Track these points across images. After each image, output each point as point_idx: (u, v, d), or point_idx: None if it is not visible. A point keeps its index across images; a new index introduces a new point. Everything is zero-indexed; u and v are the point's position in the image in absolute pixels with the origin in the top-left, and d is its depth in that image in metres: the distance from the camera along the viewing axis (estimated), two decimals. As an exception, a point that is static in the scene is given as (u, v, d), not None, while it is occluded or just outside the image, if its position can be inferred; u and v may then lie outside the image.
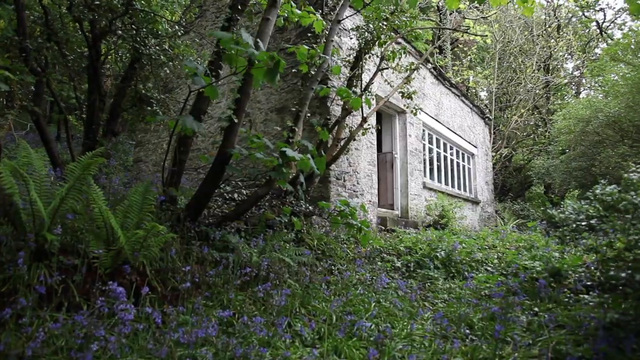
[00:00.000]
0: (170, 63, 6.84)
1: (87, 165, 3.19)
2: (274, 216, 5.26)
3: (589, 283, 4.72)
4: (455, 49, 22.72)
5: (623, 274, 3.19)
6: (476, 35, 13.38)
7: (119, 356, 2.43)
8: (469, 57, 23.71)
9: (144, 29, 6.24)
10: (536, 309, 4.19)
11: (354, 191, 8.52)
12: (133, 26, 6.20)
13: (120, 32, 6.28)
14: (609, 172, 12.56)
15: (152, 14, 6.27)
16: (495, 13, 19.53)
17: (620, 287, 3.61)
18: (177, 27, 6.93)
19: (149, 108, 6.90)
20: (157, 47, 6.40)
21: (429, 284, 5.53)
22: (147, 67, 6.81)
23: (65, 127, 6.52)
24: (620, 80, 13.47)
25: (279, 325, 3.13)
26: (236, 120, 4.48)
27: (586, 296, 4.38)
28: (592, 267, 5.07)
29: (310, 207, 6.08)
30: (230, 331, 3.09)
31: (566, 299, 4.46)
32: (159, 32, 6.48)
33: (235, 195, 6.25)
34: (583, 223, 4.09)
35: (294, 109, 5.98)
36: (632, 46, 13.48)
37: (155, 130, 11.56)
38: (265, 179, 5.35)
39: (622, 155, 12.63)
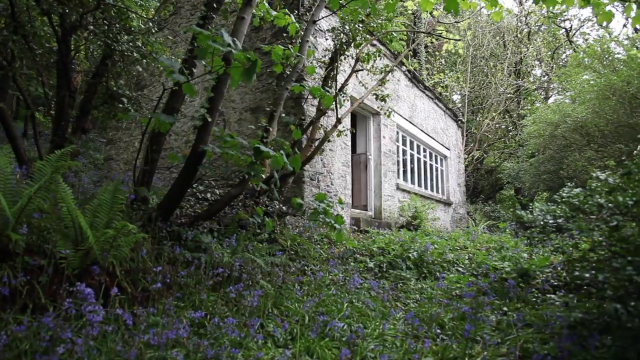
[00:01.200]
0: (143, 60, 6.72)
1: (58, 167, 3.11)
2: (247, 216, 5.23)
3: (555, 283, 4.85)
4: (427, 55, 23.04)
5: (587, 274, 3.28)
6: (450, 39, 13.59)
7: (87, 359, 2.37)
8: (442, 60, 24.08)
9: (116, 25, 6.12)
10: (505, 308, 4.28)
11: (328, 192, 8.54)
12: (105, 21, 6.07)
13: (91, 27, 6.15)
14: (576, 176, 12.92)
15: (125, 10, 6.16)
16: (468, 19, 19.88)
17: (585, 287, 3.72)
18: (150, 23, 6.82)
19: (121, 105, 6.76)
20: (130, 44, 6.28)
21: (401, 284, 5.59)
22: (119, 64, 6.68)
23: (32, 123, 6.34)
24: (586, 86, 13.88)
25: (251, 326, 3.11)
26: (210, 119, 4.44)
27: (553, 296, 4.50)
28: (559, 268, 5.22)
29: (284, 208, 6.07)
30: (201, 332, 3.06)
31: (534, 299, 4.57)
32: (132, 29, 6.36)
33: (208, 195, 6.19)
34: (550, 221, 4.19)
35: (268, 109, 5.96)
36: (598, 54, 13.90)
37: (127, 128, 11.36)
38: (238, 179, 5.32)
39: (589, 159, 13.01)
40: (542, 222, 4.31)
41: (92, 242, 3.07)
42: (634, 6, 5.06)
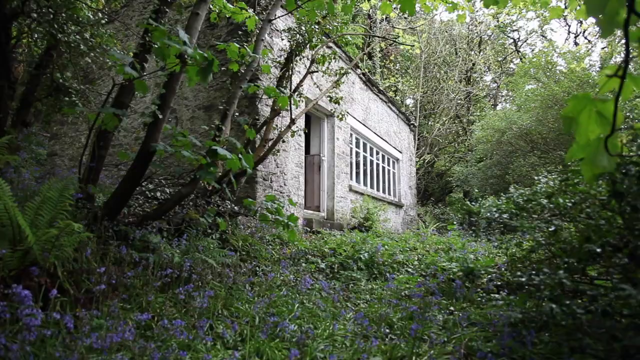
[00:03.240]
0: (92, 53, 6.47)
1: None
2: (198, 216, 5.14)
3: (499, 283, 5.06)
4: (382, 59, 23.45)
5: (524, 278, 3.44)
6: (404, 44, 13.89)
7: (23, 364, 2.26)
8: (396, 65, 24.57)
9: (63, 14, 5.86)
10: (452, 308, 4.41)
11: (281, 192, 8.52)
12: (50, 9, 5.80)
13: (34, 14, 5.85)
14: (520, 180, 13.50)
15: (72, -1, 5.91)
16: (422, 24, 20.36)
17: (526, 287, 3.90)
18: (100, 14, 6.58)
19: (67, 99, 6.48)
20: (77, 35, 6.03)
21: (352, 285, 5.64)
22: (65, 55, 6.40)
23: (-33, 114, 5.95)
24: (531, 95, 14.55)
25: (200, 327, 3.06)
26: (161, 116, 4.33)
27: (496, 295, 4.69)
28: (503, 269, 5.44)
29: (236, 208, 6.01)
30: (148, 335, 2.98)
31: (479, 298, 4.74)
32: (80, 19, 6.11)
33: (158, 194, 6.04)
34: (496, 215, 4.37)
35: (222, 107, 5.88)
36: (542, 65, 14.59)
37: (73, 122, 10.91)
38: (190, 178, 5.22)
39: (532, 164, 13.63)
40: (488, 214, 4.49)
41: (31, 241, 2.93)
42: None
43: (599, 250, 2.92)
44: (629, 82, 1.37)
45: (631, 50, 1.34)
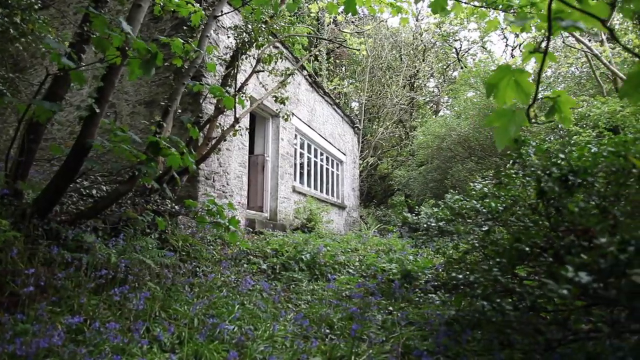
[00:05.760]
0: (23, 39, 6.09)
1: None
2: (136, 215, 4.97)
3: (436, 283, 5.23)
4: (329, 61, 23.68)
5: (460, 275, 3.59)
6: (351, 48, 14.08)
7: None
8: (342, 68, 24.87)
9: (-9, -3, 5.49)
10: (391, 308, 4.52)
11: (224, 192, 8.39)
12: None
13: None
14: (458, 185, 14.02)
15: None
16: (369, 29, 20.73)
17: (461, 287, 4.07)
18: None
19: (-6, 88, 6.07)
20: (6, 18, 5.66)
21: (293, 285, 5.65)
22: (-8, 41, 6.00)
23: None
24: (469, 104, 15.15)
25: (135, 330, 2.96)
26: (98, 110, 4.15)
27: (434, 295, 4.85)
28: (440, 270, 5.64)
29: (176, 207, 5.86)
30: (80, 339, 2.84)
31: (417, 298, 4.89)
32: (9, 1, 5.74)
33: (94, 192, 5.78)
34: (433, 224, 4.53)
35: (164, 104, 5.72)
36: (481, 75, 15.23)
37: (0, 113, 10.24)
38: (128, 175, 5.03)
39: (470, 170, 14.18)
40: (425, 224, 4.63)
41: (-50, 240, 2.72)
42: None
43: (527, 249, 3.09)
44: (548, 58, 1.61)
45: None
